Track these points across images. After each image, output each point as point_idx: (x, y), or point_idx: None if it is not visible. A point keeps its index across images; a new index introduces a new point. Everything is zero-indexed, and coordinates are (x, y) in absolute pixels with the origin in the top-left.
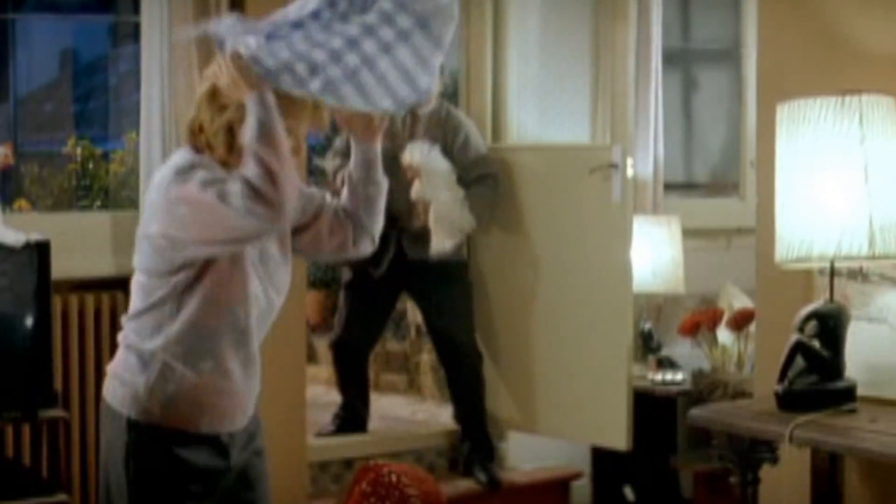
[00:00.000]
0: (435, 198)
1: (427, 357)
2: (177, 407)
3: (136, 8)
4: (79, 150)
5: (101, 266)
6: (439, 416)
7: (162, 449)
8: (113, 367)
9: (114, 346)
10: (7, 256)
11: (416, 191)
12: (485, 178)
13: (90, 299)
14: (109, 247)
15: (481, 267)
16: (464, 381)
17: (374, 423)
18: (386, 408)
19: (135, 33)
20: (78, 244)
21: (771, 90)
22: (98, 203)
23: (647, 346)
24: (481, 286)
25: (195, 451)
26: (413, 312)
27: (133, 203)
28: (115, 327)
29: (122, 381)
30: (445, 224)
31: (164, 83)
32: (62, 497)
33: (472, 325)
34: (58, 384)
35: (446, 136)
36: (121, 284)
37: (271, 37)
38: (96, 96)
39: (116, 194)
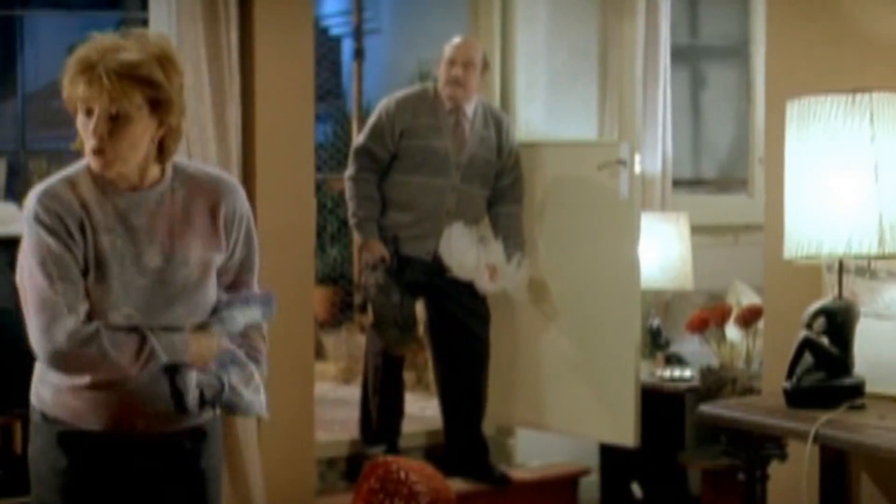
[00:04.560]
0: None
1: None
2: (63, 399)
3: (144, 4)
4: None
5: None
6: None
7: (50, 439)
8: None
9: None
10: (17, 252)
11: (494, 287)
12: (516, 185)
13: None
14: None
15: None
16: (479, 379)
17: None
18: None
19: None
20: None
21: (780, 87)
22: None
23: (655, 342)
24: None
25: (79, 447)
26: (420, 309)
27: None
28: None
29: (36, 370)
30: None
31: None
32: None
33: (489, 323)
34: None
35: (500, 133)
36: None
37: None
38: None
39: None
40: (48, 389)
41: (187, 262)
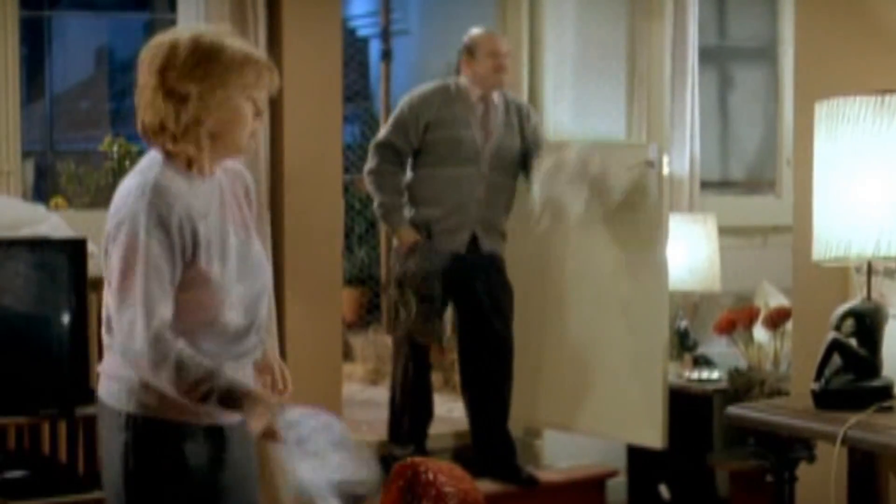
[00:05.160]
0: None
1: None
2: (173, 397)
3: (172, 6)
4: (115, 148)
5: None
6: None
7: (162, 443)
8: (104, 368)
9: None
10: (44, 253)
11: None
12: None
13: None
14: None
15: (517, 263)
16: (503, 379)
17: None
18: None
19: None
20: None
21: (809, 88)
22: None
23: (682, 344)
24: (517, 282)
25: (195, 443)
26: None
27: None
28: None
29: (117, 378)
30: None
31: None
32: (98, 494)
33: (512, 322)
34: (94, 381)
35: (522, 119)
36: None
37: None
38: (132, 94)
39: None
40: (153, 395)
41: (254, 242)
